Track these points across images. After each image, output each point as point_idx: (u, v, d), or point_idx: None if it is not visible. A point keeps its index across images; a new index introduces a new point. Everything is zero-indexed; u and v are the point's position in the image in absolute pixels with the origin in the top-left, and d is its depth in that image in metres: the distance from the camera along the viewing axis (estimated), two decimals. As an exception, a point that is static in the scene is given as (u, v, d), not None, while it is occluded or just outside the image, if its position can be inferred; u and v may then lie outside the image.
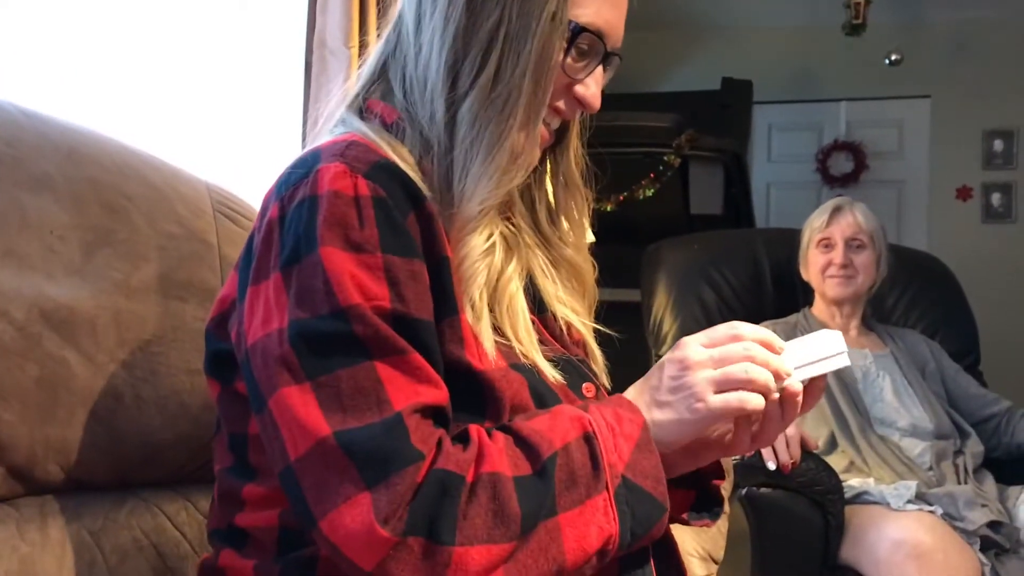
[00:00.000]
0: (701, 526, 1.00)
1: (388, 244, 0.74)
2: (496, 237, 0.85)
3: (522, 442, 0.75)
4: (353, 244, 0.73)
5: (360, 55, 2.16)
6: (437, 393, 0.74)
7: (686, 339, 0.82)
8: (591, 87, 0.89)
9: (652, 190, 3.57)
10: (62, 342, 0.95)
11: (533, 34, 0.82)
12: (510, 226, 0.93)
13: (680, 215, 3.75)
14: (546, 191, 0.97)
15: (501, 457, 0.73)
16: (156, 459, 1.05)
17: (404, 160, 0.81)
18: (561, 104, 0.89)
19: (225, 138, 2.08)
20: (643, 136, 3.56)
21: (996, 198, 4.79)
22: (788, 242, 2.46)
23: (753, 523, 1.90)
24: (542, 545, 0.71)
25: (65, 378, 0.95)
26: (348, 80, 2.11)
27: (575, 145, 0.98)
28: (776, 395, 0.81)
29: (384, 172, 0.77)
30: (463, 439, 0.74)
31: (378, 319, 0.72)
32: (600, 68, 0.89)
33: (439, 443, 0.72)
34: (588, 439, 0.76)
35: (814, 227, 2.36)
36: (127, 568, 0.97)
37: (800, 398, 0.82)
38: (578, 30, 0.84)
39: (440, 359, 0.77)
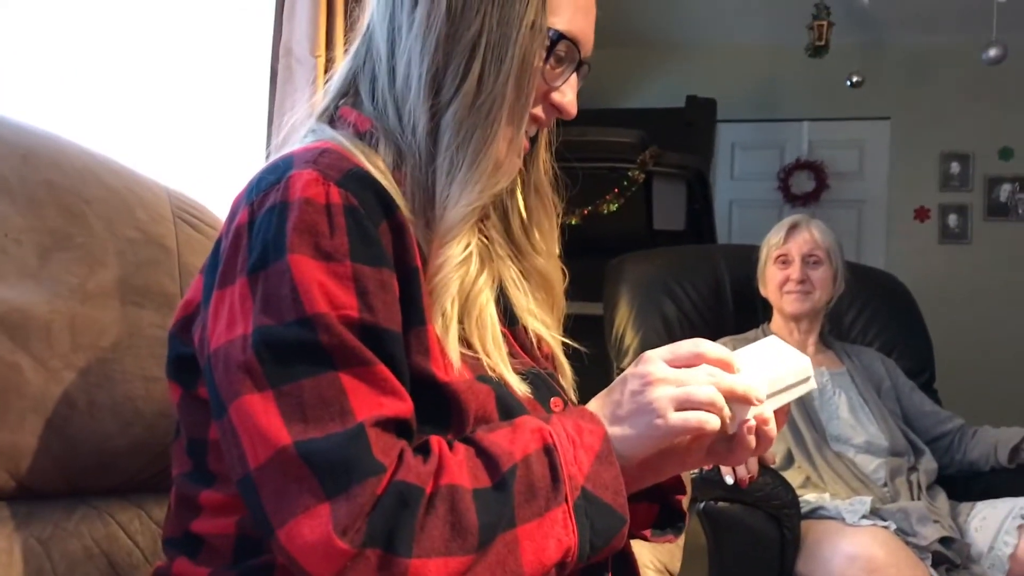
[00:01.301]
0: (664, 542, 1.01)
1: (358, 253, 0.74)
2: (472, 247, 0.86)
3: (483, 454, 0.75)
4: (323, 252, 0.73)
5: (327, 64, 2.16)
6: (401, 405, 0.74)
7: (649, 354, 0.82)
8: (567, 94, 0.91)
9: (616, 205, 3.59)
10: (14, 346, 0.93)
11: (514, 42, 0.83)
12: (483, 238, 0.93)
13: (643, 230, 3.77)
14: (517, 201, 0.98)
15: (461, 469, 0.73)
16: (110, 467, 1.03)
17: (378, 168, 0.81)
18: (539, 111, 0.90)
19: (190, 145, 2.07)
20: (608, 151, 3.58)
21: (952, 219, 4.88)
22: (749, 258, 2.49)
23: (710, 537, 1.91)
24: (500, 559, 0.71)
25: (16, 383, 0.93)
26: (314, 88, 2.12)
27: (543, 155, 0.99)
28: (752, 421, 0.81)
29: (357, 181, 0.77)
30: (424, 451, 0.74)
31: (344, 329, 0.72)
32: (575, 76, 0.91)
33: (400, 455, 0.71)
34: (548, 451, 0.75)
35: (771, 243, 2.39)
36: (77, 577, 0.96)
37: (771, 425, 0.82)
38: (557, 37, 0.86)
39: (406, 370, 0.77)
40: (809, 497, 2.00)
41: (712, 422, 0.78)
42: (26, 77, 1.71)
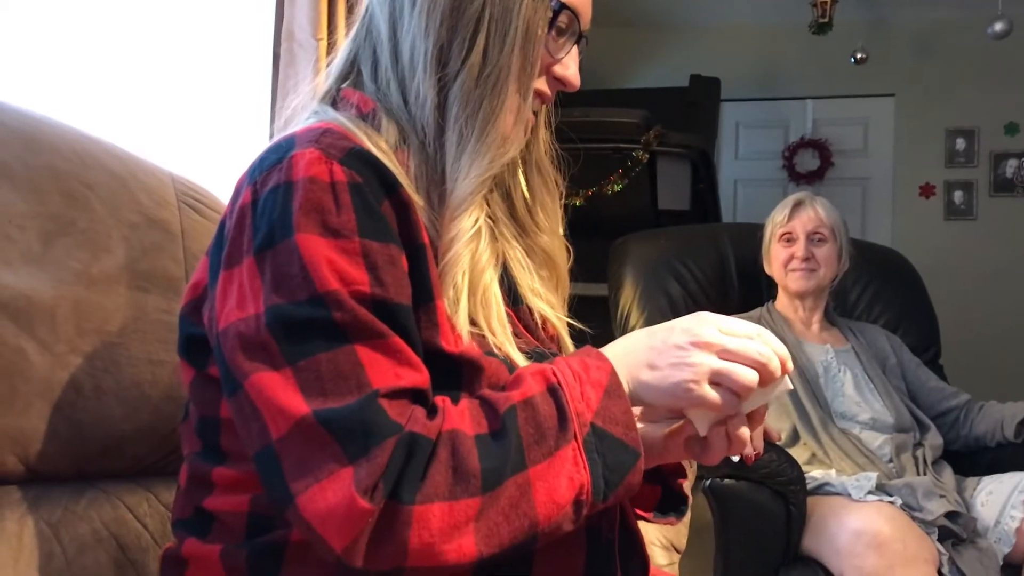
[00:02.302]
0: (667, 523, 1.01)
1: (365, 229, 0.74)
2: (481, 221, 0.86)
3: (484, 402, 0.75)
4: (330, 230, 0.73)
5: (329, 48, 2.15)
6: (417, 376, 0.74)
7: (705, 315, 0.81)
8: (569, 66, 0.91)
9: (620, 185, 3.59)
10: (18, 331, 0.93)
11: (517, 12, 0.84)
12: (487, 217, 0.93)
13: (648, 210, 3.77)
14: (519, 180, 0.98)
15: (462, 416, 0.73)
16: (117, 450, 1.04)
17: (380, 149, 0.82)
18: (543, 84, 0.91)
19: (193, 129, 2.07)
20: (612, 132, 3.57)
21: (958, 196, 4.86)
22: (753, 237, 2.48)
23: (716, 513, 1.92)
24: (512, 502, 0.70)
25: (22, 368, 0.94)
26: (317, 72, 2.11)
27: (543, 133, 0.99)
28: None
29: (359, 159, 0.77)
30: (432, 410, 0.74)
31: (356, 304, 0.72)
32: (575, 48, 0.91)
33: (411, 414, 0.72)
34: (553, 391, 0.75)
35: (776, 222, 2.38)
36: (86, 560, 0.96)
37: (744, 428, 0.82)
38: (559, 8, 0.87)
39: (420, 342, 0.77)
40: (815, 473, 2.01)
41: (733, 407, 0.78)
42: (29, 63, 1.71)
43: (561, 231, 1.01)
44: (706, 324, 0.79)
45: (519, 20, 0.84)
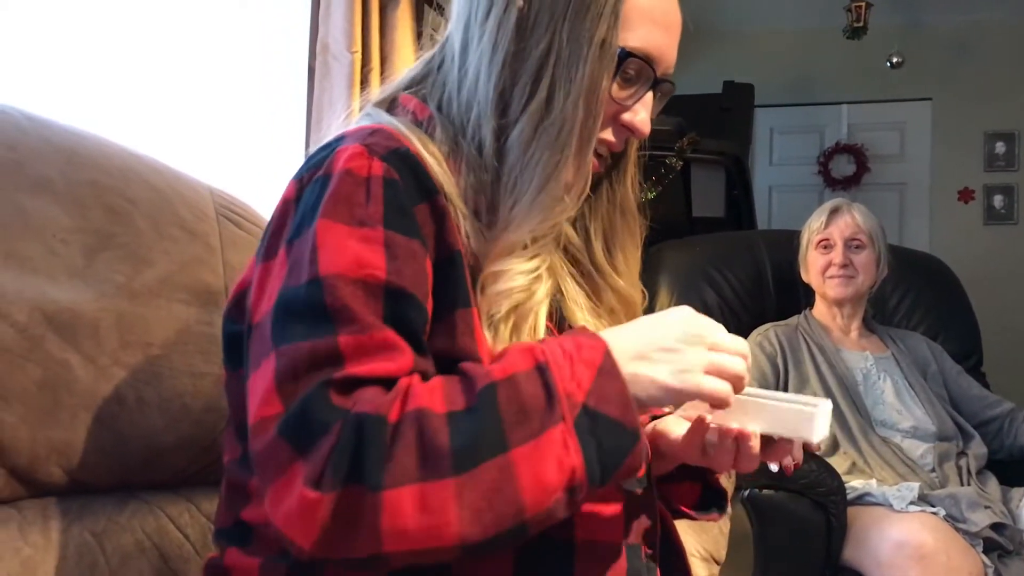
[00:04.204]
0: (709, 519, 1.00)
1: (391, 222, 0.74)
2: (543, 268, 0.83)
3: (463, 378, 0.71)
4: (356, 219, 0.73)
5: (363, 61, 2.17)
6: (393, 366, 0.71)
7: (686, 309, 0.79)
8: (639, 112, 0.87)
9: (654, 193, 3.57)
10: (64, 344, 0.95)
11: (584, 60, 0.80)
12: (561, 258, 0.91)
13: (682, 217, 3.75)
14: (602, 221, 0.95)
15: (432, 395, 0.69)
16: (158, 461, 1.05)
17: (431, 154, 0.80)
18: (609, 133, 0.87)
19: (230, 142, 2.09)
20: (645, 139, 3.55)
21: (998, 200, 4.78)
22: (789, 243, 2.46)
23: (755, 524, 1.90)
24: (494, 485, 0.66)
25: (67, 380, 0.95)
26: (351, 84, 2.13)
27: (632, 172, 0.96)
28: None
29: (401, 159, 0.77)
30: (388, 387, 0.70)
31: (354, 290, 0.70)
32: (650, 94, 0.87)
33: (359, 396, 0.68)
34: (540, 369, 0.70)
35: (813, 228, 2.36)
36: (129, 570, 0.97)
37: (754, 442, 0.81)
38: (624, 55, 0.83)
39: (422, 338, 0.75)
40: (855, 483, 1.98)
41: (725, 397, 0.76)
42: (69, 81, 1.74)
43: (638, 274, 0.97)
44: (702, 320, 0.78)
45: (585, 67, 0.80)
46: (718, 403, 0.76)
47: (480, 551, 0.67)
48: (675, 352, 0.75)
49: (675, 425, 0.91)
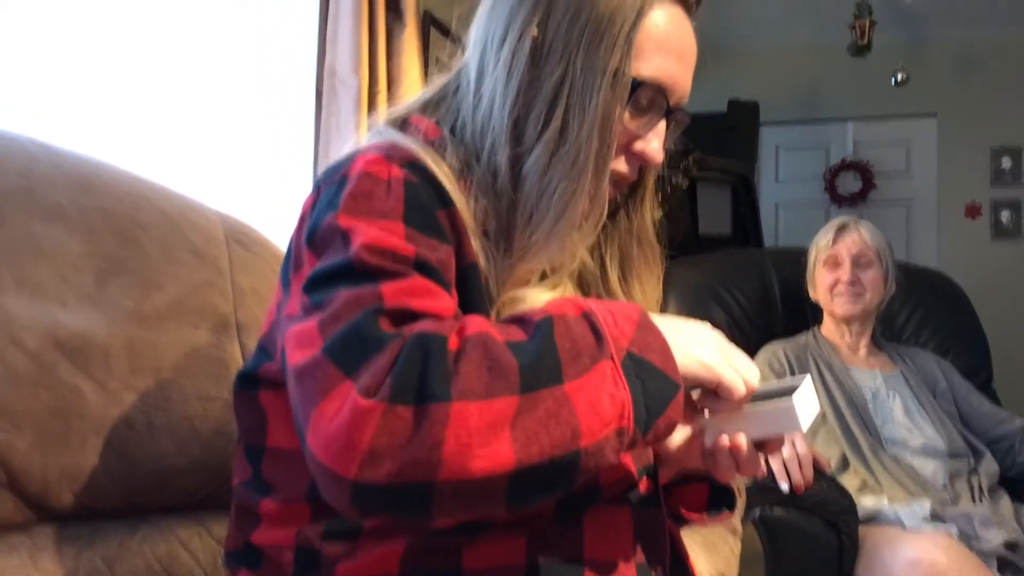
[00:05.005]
0: (721, 520, 0.99)
1: (412, 219, 0.74)
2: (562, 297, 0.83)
3: (513, 319, 0.72)
4: (375, 212, 0.73)
5: (370, 84, 2.19)
6: (439, 305, 0.70)
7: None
8: (652, 141, 0.87)
9: (660, 212, 3.57)
10: (75, 370, 0.95)
11: (598, 89, 0.81)
12: (575, 286, 0.92)
13: (689, 236, 3.76)
14: (619, 249, 0.95)
15: (487, 326, 0.68)
16: (169, 485, 1.05)
17: (444, 173, 0.80)
18: (622, 162, 0.87)
19: (238, 167, 2.11)
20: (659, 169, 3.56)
21: (1005, 215, 4.78)
22: (796, 261, 2.46)
23: (767, 544, 1.89)
24: (551, 412, 0.64)
25: (78, 406, 0.95)
26: (359, 108, 2.14)
27: (649, 201, 0.96)
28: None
29: (419, 170, 0.77)
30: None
31: (383, 257, 0.70)
32: (663, 123, 0.87)
33: (413, 325, 0.67)
34: (587, 315, 0.70)
35: (820, 246, 2.36)
36: (141, 595, 0.97)
37: (746, 450, 0.81)
38: (637, 84, 0.83)
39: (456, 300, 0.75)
40: (866, 502, 1.97)
41: (740, 394, 0.78)
42: (78, 108, 1.75)
43: (657, 305, 0.97)
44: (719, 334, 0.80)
45: (599, 96, 0.80)
46: (730, 396, 0.78)
47: (533, 489, 0.64)
48: (705, 341, 0.77)
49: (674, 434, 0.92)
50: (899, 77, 4.34)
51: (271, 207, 1.95)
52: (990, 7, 4.39)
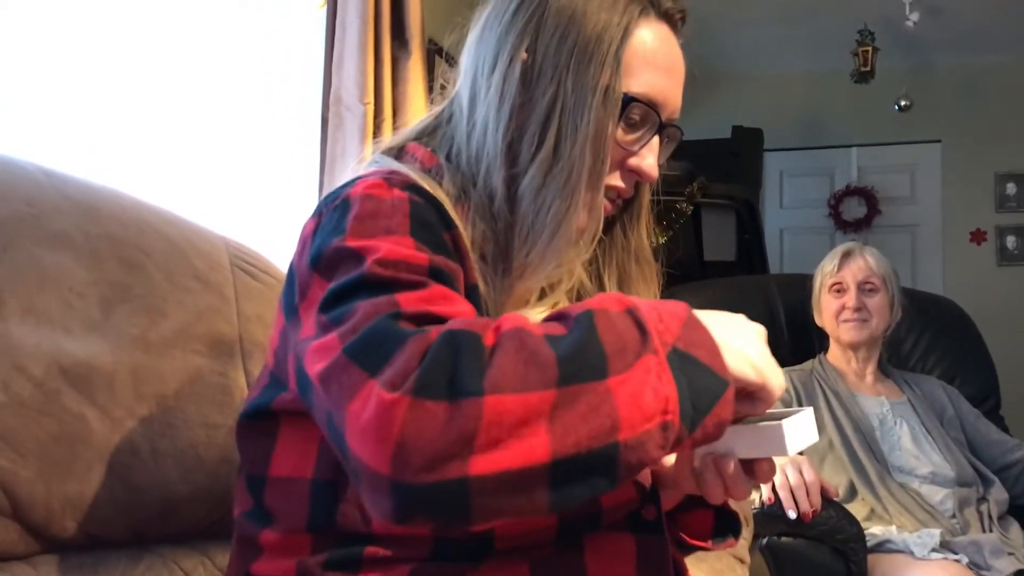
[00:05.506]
0: (725, 547, 0.98)
1: (419, 235, 0.74)
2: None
3: (551, 316, 0.70)
4: (383, 230, 0.73)
5: (376, 111, 2.20)
6: (454, 309, 0.70)
7: None
8: (646, 157, 0.88)
9: (664, 238, 3.58)
10: (80, 398, 0.95)
11: (589, 107, 0.82)
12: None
13: (694, 262, 3.76)
14: (616, 268, 0.96)
15: (524, 321, 0.67)
16: (173, 513, 1.04)
17: (442, 199, 0.81)
18: (618, 178, 0.88)
19: (244, 194, 2.11)
20: (657, 185, 3.58)
21: (1011, 241, 4.77)
22: (802, 287, 2.46)
23: (774, 572, 1.87)
24: (591, 405, 0.61)
25: (83, 434, 0.95)
26: (364, 135, 2.15)
27: (646, 219, 0.97)
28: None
29: (420, 192, 0.78)
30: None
31: (398, 269, 0.70)
32: (656, 139, 0.88)
33: (439, 324, 0.66)
34: (630, 311, 0.68)
35: (825, 272, 2.36)
36: (143, 625, 0.97)
37: (731, 467, 0.79)
38: (628, 100, 0.84)
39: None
40: (875, 530, 1.95)
41: (779, 390, 0.75)
42: (84, 134, 1.76)
43: None
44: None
45: (590, 114, 0.82)
46: (770, 399, 0.74)
47: (572, 483, 0.61)
48: (752, 340, 0.74)
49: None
50: (902, 103, 4.36)
51: (276, 234, 1.95)
52: (993, 33, 4.41)
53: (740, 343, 0.73)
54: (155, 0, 1.92)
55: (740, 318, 0.76)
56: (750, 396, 0.75)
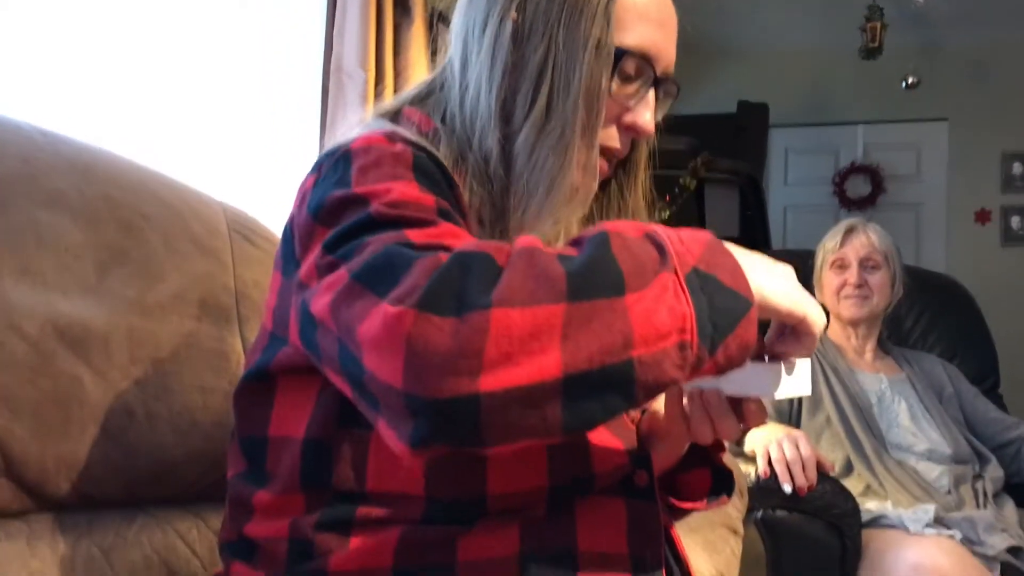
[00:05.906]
0: (719, 505, 0.98)
1: (423, 183, 0.74)
2: None
3: (568, 242, 0.69)
4: (388, 176, 0.73)
5: (377, 78, 2.19)
6: (464, 243, 0.68)
7: None
8: (643, 113, 0.87)
9: (668, 212, 3.57)
10: (75, 359, 0.95)
11: (581, 62, 0.81)
12: None
13: (696, 237, 3.75)
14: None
15: (538, 241, 0.66)
16: (167, 476, 1.05)
17: (440, 161, 0.81)
18: (614, 135, 0.88)
19: (243, 160, 2.10)
20: (659, 159, 3.57)
21: (1016, 221, 4.76)
22: (804, 264, 2.44)
23: (769, 546, 1.88)
24: (604, 321, 0.60)
25: (78, 394, 0.95)
26: (364, 102, 2.14)
27: (642, 179, 0.97)
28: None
29: (422, 149, 0.78)
30: None
31: (405, 208, 0.70)
32: (652, 94, 0.88)
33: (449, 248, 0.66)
34: (650, 235, 0.66)
35: (827, 248, 2.35)
36: (137, 585, 0.97)
37: (715, 401, 0.79)
38: (620, 54, 0.84)
39: None
40: (870, 505, 1.96)
41: (821, 322, 0.74)
42: (83, 97, 1.75)
43: None
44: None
45: (583, 69, 0.81)
46: (813, 333, 0.73)
47: (586, 400, 0.61)
48: (785, 273, 0.73)
49: (658, 403, 0.91)
50: (910, 80, 4.33)
51: (275, 200, 1.95)
52: (1003, 11, 4.37)
53: (770, 273, 0.71)
54: (156, -37, 1.90)
55: (769, 259, 0.74)
56: (795, 332, 0.74)
